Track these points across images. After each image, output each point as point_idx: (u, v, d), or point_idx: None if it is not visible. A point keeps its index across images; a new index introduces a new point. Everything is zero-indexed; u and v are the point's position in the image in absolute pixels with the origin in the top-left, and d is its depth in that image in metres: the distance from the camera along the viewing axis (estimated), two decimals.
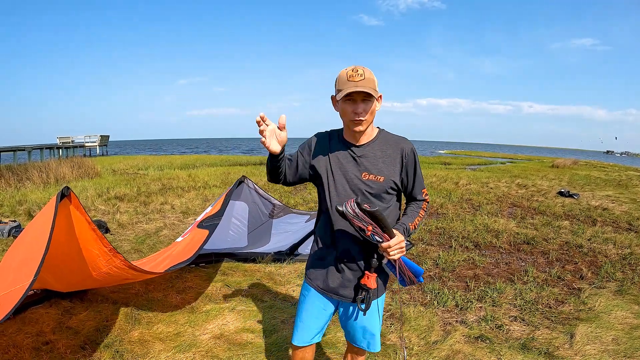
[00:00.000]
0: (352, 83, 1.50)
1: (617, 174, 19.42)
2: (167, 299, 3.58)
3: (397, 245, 1.52)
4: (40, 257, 2.01)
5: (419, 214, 1.73)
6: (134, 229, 6.17)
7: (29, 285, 1.91)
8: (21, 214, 7.10)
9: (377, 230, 1.49)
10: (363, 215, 1.45)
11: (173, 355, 2.70)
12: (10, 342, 2.74)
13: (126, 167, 17.72)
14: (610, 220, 7.56)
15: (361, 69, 1.53)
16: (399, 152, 1.67)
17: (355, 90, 1.50)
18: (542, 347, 2.91)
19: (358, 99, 1.54)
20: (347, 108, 1.57)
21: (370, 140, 1.67)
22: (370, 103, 1.56)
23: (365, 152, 1.66)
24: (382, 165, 1.65)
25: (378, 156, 1.66)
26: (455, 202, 9.08)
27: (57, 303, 3.36)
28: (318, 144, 1.73)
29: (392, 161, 1.66)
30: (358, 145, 1.67)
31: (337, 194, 1.66)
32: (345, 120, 1.62)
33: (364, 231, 1.48)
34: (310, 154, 1.73)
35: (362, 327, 1.80)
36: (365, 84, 1.51)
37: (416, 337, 3.02)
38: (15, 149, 21.76)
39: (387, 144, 1.68)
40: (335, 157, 1.68)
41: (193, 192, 9.66)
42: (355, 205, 1.45)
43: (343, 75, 1.54)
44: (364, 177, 1.64)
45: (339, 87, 1.56)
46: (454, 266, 4.65)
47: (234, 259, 4.63)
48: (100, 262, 2.69)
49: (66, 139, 33.73)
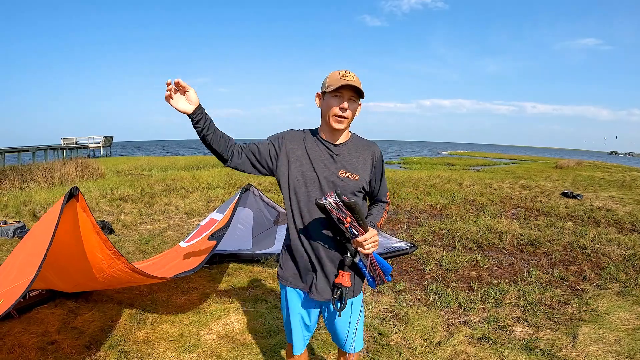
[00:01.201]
0: (344, 81, 1.58)
1: (621, 174, 19.35)
2: (172, 299, 3.60)
3: (372, 239, 1.57)
4: (43, 253, 2.03)
5: (383, 215, 1.82)
6: (138, 230, 6.20)
7: (30, 281, 1.93)
8: (25, 214, 7.15)
9: (354, 223, 1.52)
10: (343, 206, 1.49)
11: (177, 355, 2.72)
12: (16, 342, 2.77)
13: (130, 168, 17.81)
14: (614, 221, 7.54)
15: (353, 73, 1.62)
16: (370, 155, 1.74)
17: (348, 84, 1.57)
18: (545, 348, 2.92)
19: (346, 95, 1.61)
20: (333, 102, 1.61)
21: (345, 141, 1.73)
22: (355, 104, 1.64)
23: (341, 151, 1.71)
24: (357, 165, 1.71)
25: (353, 156, 1.72)
26: (459, 203, 9.08)
27: (63, 303, 3.38)
28: (292, 139, 1.74)
29: (364, 162, 1.73)
30: (335, 144, 1.71)
31: (315, 189, 1.67)
32: (327, 117, 1.66)
33: (343, 223, 1.51)
34: (282, 147, 1.72)
35: (342, 328, 1.82)
36: (357, 84, 1.59)
37: (419, 337, 3.03)
38: (19, 150, 21.89)
39: (360, 147, 1.75)
40: (312, 153, 1.70)
41: (197, 193, 9.70)
42: (336, 196, 1.49)
43: (335, 75, 1.61)
44: (340, 174, 1.67)
45: (329, 82, 1.62)
46: (458, 267, 4.65)
47: (238, 260, 4.65)
48: (103, 265, 2.71)
49: (70, 140, 33.90)
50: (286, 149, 1.71)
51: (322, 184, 1.66)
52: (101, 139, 36.33)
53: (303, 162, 1.69)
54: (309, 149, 1.71)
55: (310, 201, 1.66)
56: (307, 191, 1.67)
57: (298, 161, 1.70)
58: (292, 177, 1.69)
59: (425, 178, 13.99)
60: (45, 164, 12.73)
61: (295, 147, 1.72)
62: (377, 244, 1.60)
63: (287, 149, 1.71)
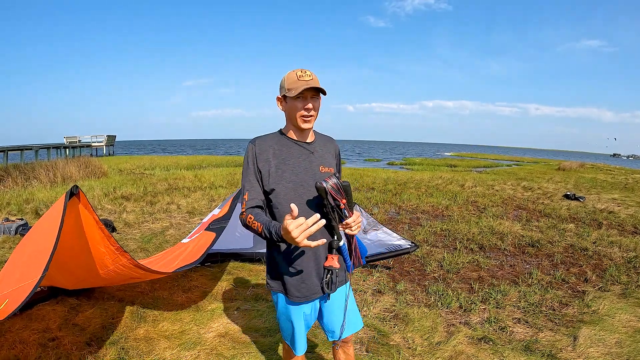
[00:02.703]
0: (304, 82, 1.58)
1: (624, 177, 19.28)
2: (173, 297, 3.61)
3: (358, 220, 1.63)
4: (48, 254, 2.04)
5: None
6: (141, 229, 6.22)
7: (37, 282, 1.94)
8: (28, 212, 7.18)
9: (347, 206, 1.59)
10: (341, 187, 1.56)
11: (178, 352, 2.73)
12: (17, 338, 2.78)
13: (133, 167, 17.85)
14: (616, 223, 7.52)
15: (309, 71, 1.63)
16: (333, 149, 1.84)
17: (310, 87, 1.57)
18: (545, 349, 2.91)
19: (308, 96, 1.62)
20: (298, 104, 1.62)
21: (315, 139, 1.78)
22: (318, 100, 1.66)
23: (315, 148, 1.75)
24: (330, 159, 1.78)
25: (325, 151, 1.79)
26: (461, 204, 9.07)
27: (64, 300, 3.40)
28: (262, 147, 1.70)
29: (332, 156, 1.81)
30: (309, 142, 1.74)
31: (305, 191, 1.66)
32: (293, 119, 1.66)
33: (339, 205, 1.56)
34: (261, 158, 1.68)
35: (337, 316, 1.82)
36: (315, 83, 1.59)
37: (419, 337, 3.03)
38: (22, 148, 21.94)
39: (325, 141, 1.82)
40: (289, 157, 1.69)
41: (199, 193, 9.72)
42: (335, 179, 1.56)
43: (293, 76, 1.61)
44: (321, 170, 1.71)
45: (289, 86, 1.61)
46: (459, 268, 4.65)
47: (239, 259, 4.66)
48: (107, 260, 2.72)
49: (73, 139, 33.99)
50: (264, 161, 1.67)
51: (309, 183, 1.67)
52: (104, 138, 36.41)
53: (285, 168, 1.67)
54: (284, 155, 1.69)
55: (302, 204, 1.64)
56: (298, 194, 1.65)
57: (277, 168, 1.66)
58: (279, 186, 1.65)
59: (428, 179, 13.98)
60: (48, 163, 12.76)
61: (270, 156, 1.68)
62: (360, 226, 1.66)
63: (265, 161, 1.67)
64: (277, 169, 1.66)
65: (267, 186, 1.66)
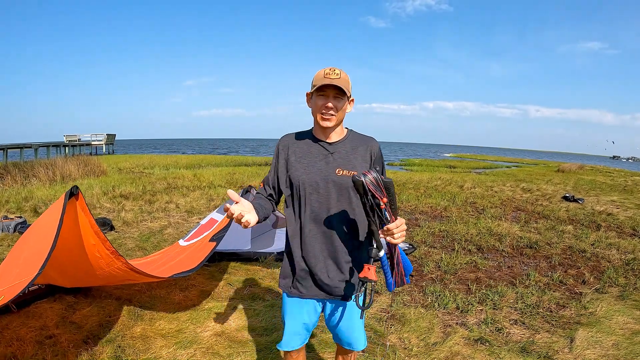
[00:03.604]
0: (328, 79, 1.57)
1: (623, 179, 19.29)
2: (170, 296, 3.62)
3: (402, 226, 1.47)
4: (46, 254, 2.04)
5: None
6: (139, 227, 6.22)
7: (32, 279, 1.94)
8: (27, 210, 7.18)
9: (388, 207, 1.41)
10: (382, 183, 1.38)
11: (174, 351, 2.73)
12: (14, 336, 2.78)
13: (132, 166, 17.85)
14: (615, 225, 7.52)
15: (338, 70, 1.60)
16: (368, 150, 1.71)
17: (328, 84, 1.55)
18: (542, 350, 2.91)
19: (330, 94, 1.59)
20: (318, 102, 1.61)
21: (340, 139, 1.71)
22: (341, 101, 1.61)
23: (337, 149, 1.69)
24: (354, 162, 1.67)
25: (350, 152, 1.69)
26: (460, 205, 9.07)
27: (61, 298, 3.40)
28: (284, 147, 1.75)
29: (363, 157, 1.69)
30: (330, 143, 1.69)
31: (313, 190, 1.66)
32: (315, 116, 1.66)
33: (379, 204, 1.40)
34: (283, 155, 1.74)
35: (347, 326, 1.79)
36: (340, 82, 1.57)
37: (416, 338, 3.03)
38: (22, 147, 21.94)
39: (357, 143, 1.72)
40: (306, 155, 1.70)
41: (198, 192, 9.72)
42: (375, 173, 1.40)
43: (320, 73, 1.61)
44: (337, 173, 1.65)
45: (314, 82, 1.62)
46: (456, 269, 4.65)
47: (237, 259, 4.66)
48: (102, 263, 2.72)
49: (73, 137, 33.99)
50: (284, 158, 1.73)
51: (320, 184, 1.65)
52: (104, 136, 36.42)
53: (297, 166, 1.69)
54: (303, 152, 1.71)
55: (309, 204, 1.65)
56: (313, 190, 1.66)
57: (293, 166, 1.70)
58: (295, 182, 1.69)
59: (427, 180, 13.98)
60: (47, 161, 12.76)
61: (290, 154, 1.72)
62: (404, 235, 1.49)
63: (284, 159, 1.73)
64: (293, 166, 1.70)
65: (286, 183, 1.72)
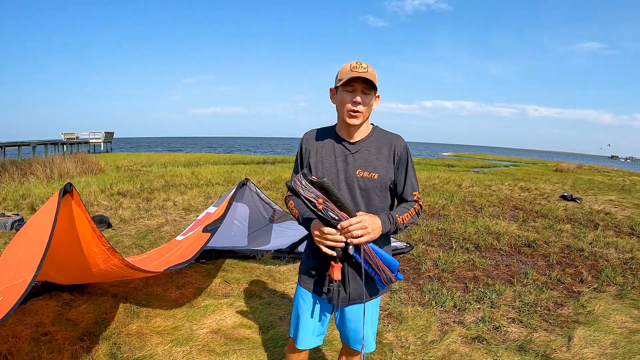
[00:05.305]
0: (355, 72, 1.49)
1: (621, 178, 19.34)
2: (167, 293, 3.60)
3: (358, 224, 1.42)
4: (41, 253, 2.02)
5: (409, 211, 1.61)
6: (136, 225, 6.20)
7: (30, 281, 1.92)
8: (24, 207, 7.15)
9: (330, 206, 1.41)
10: (310, 186, 1.39)
11: (170, 348, 2.71)
12: (10, 333, 2.76)
13: (130, 163, 17.81)
14: (613, 224, 7.53)
15: (365, 64, 1.52)
16: (391, 149, 1.62)
17: (358, 76, 1.48)
18: (540, 349, 2.91)
19: (359, 88, 1.52)
20: (346, 97, 1.54)
21: (364, 137, 1.63)
22: (369, 96, 1.55)
23: (359, 149, 1.61)
24: (376, 163, 1.60)
25: (372, 153, 1.61)
26: (457, 204, 9.07)
27: (58, 295, 3.38)
28: (309, 142, 1.70)
29: (387, 158, 1.61)
30: (352, 142, 1.62)
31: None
32: (341, 113, 1.59)
33: (315, 205, 1.40)
34: (306, 153, 1.69)
35: (354, 329, 1.76)
36: (368, 75, 1.50)
37: (413, 336, 3.02)
38: (19, 144, 21.89)
39: (381, 141, 1.64)
40: (327, 156, 1.64)
41: (196, 190, 9.69)
42: (302, 177, 1.41)
43: (347, 67, 1.53)
44: (358, 174, 1.59)
45: (340, 76, 1.54)
46: (454, 267, 4.64)
47: (234, 256, 4.64)
48: (98, 259, 2.71)
49: (71, 135, 33.94)
50: (306, 159, 1.68)
51: (341, 186, 1.60)
52: (102, 134, 36.37)
53: (319, 167, 1.64)
54: (324, 152, 1.65)
55: None
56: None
57: (314, 167, 1.65)
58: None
59: (425, 178, 13.97)
60: (45, 159, 12.72)
61: (312, 152, 1.67)
62: (370, 233, 1.44)
63: (306, 159, 1.68)
64: (314, 167, 1.65)
65: None
